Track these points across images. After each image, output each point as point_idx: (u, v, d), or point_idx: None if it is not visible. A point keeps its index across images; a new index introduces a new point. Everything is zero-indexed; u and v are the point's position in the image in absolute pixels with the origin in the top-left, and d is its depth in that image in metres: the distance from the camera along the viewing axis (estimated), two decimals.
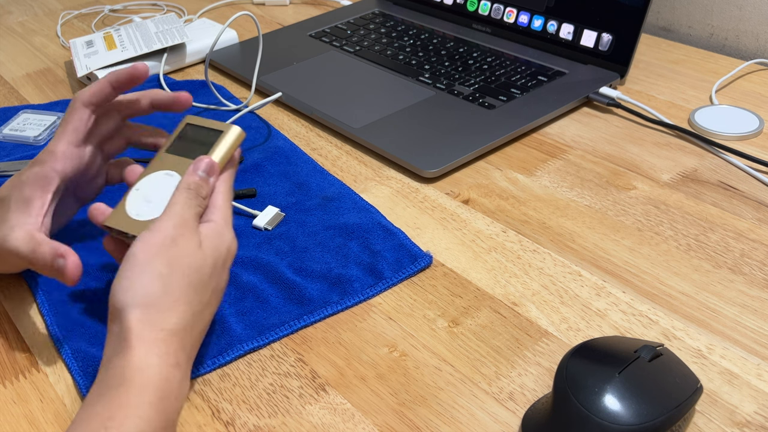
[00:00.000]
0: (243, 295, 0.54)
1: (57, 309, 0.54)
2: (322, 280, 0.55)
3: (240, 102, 0.81)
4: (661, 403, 0.40)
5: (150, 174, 0.51)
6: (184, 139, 0.53)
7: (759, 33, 0.89)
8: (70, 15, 1.11)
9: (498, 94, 0.77)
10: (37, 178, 0.52)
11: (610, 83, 0.79)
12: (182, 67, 0.91)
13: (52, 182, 0.52)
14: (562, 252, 0.58)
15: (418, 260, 0.56)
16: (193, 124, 0.54)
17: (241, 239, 0.60)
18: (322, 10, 1.08)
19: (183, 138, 0.53)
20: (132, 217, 0.49)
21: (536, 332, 0.51)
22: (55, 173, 0.52)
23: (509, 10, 0.89)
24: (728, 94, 0.79)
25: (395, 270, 0.56)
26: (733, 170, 0.67)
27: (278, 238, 0.60)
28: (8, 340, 0.53)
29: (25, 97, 0.87)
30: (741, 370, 0.47)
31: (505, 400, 0.46)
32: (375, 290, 0.54)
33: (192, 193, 0.47)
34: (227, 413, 0.46)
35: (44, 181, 0.52)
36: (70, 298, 0.55)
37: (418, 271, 0.56)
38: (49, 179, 0.52)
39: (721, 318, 0.51)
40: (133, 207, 0.49)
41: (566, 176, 0.67)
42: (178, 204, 0.46)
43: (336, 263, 0.57)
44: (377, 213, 0.62)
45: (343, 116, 0.75)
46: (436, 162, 0.67)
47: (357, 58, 0.88)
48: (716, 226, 0.60)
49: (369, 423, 0.45)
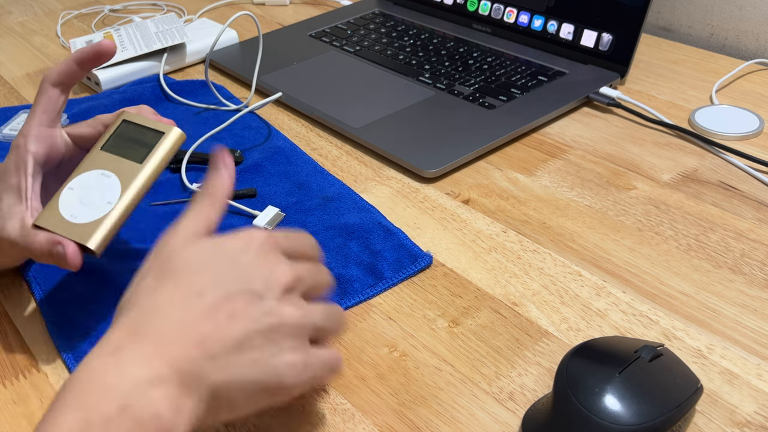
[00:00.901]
0: None
1: (57, 309, 0.54)
2: None
3: (240, 102, 0.81)
4: (662, 403, 0.40)
5: (84, 172, 0.50)
6: (120, 137, 0.52)
7: (759, 33, 0.89)
8: (70, 15, 1.11)
9: (498, 94, 0.77)
10: (16, 164, 0.51)
11: (610, 83, 0.79)
12: (182, 67, 0.91)
13: (28, 164, 0.51)
14: (562, 252, 0.58)
15: (418, 260, 0.56)
16: (129, 121, 0.52)
17: None
18: (322, 10, 1.08)
19: (119, 136, 0.52)
20: (65, 218, 0.48)
21: (536, 332, 0.51)
22: (29, 155, 0.51)
23: (509, 10, 0.89)
24: (728, 94, 0.79)
25: (395, 270, 0.56)
26: (733, 170, 0.67)
27: None
28: (8, 340, 0.53)
29: (25, 97, 0.87)
30: (741, 370, 0.47)
31: (505, 400, 0.46)
32: (375, 290, 0.54)
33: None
34: None
35: (22, 165, 0.51)
36: (70, 298, 0.55)
37: (418, 271, 0.56)
38: (25, 161, 0.51)
39: (722, 318, 0.51)
40: (67, 208, 0.48)
41: (566, 176, 0.67)
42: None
43: (336, 263, 0.56)
44: (377, 213, 0.62)
45: (343, 116, 0.75)
46: (436, 162, 0.67)
47: (357, 58, 0.88)
48: (716, 226, 0.60)
49: (369, 423, 0.45)
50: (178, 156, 0.70)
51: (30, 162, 0.51)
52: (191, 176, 0.69)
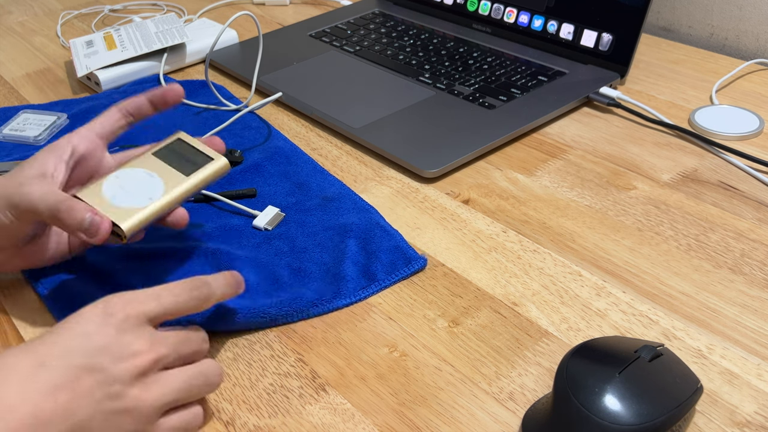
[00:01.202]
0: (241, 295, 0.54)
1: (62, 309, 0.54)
2: (318, 280, 0.55)
3: (240, 102, 0.81)
4: (662, 403, 0.40)
5: (132, 167, 0.53)
6: (172, 151, 0.55)
7: (759, 33, 0.89)
8: (70, 15, 1.11)
9: (498, 94, 0.77)
10: (52, 148, 0.52)
11: (610, 83, 0.79)
12: (182, 67, 0.91)
13: (66, 151, 0.52)
14: (562, 252, 0.58)
15: (412, 263, 0.56)
16: (184, 140, 0.56)
17: (241, 239, 0.60)
18: (322, 10, 1.08)
19: (172, 149, 0.55)
20: (106, 198, 0.50)
21: (536, 332, 0.51)
22: (70, 145, 0.52)
23: (509, 10, 0.89)
24: (728, 94, 0.79)
25: (388, 272, 0.56)
26: (733, 170, 0.67)
27: (278, 238, 0.60)
28: (8, 340, 0.53)
29: (25, 97, 0.87)
30: (741, 370, 0.47)
31: (505, 400, 0.46)
32: (367, 292, 0.54)
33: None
34: (227, 413, 0.46)
35: (59, 150, 0.52)
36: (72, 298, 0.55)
37: (411, 274, 0.56)
38: (63, 148, 0.52)
39: (721, 318, 0.51)
40: (109, 190, 0.51)
41: (566, 176, 0.67)
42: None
43: (333, 264, 0.57)
44: (376, 213, 0.62)
45: (343, 116, 0.75)
46: (436, 162, 0.67)
47: (357, 58, 0.88)
48: (716, 226, 0.60)
49: (369, 423, 0.45)
50: None
51: (68, 150, 0.52)
52: None
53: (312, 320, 0.53)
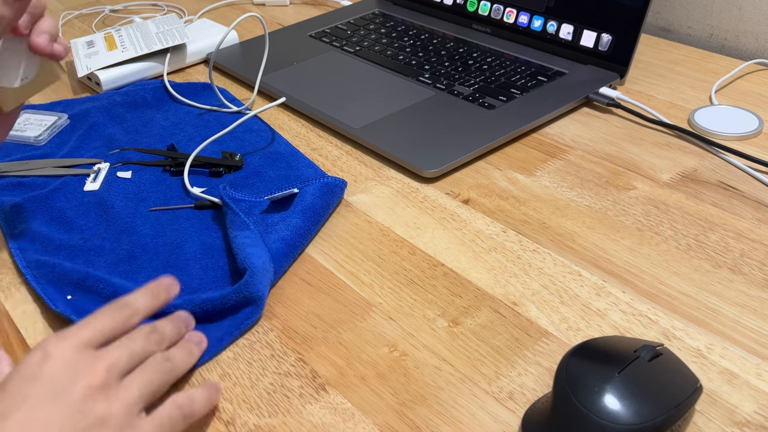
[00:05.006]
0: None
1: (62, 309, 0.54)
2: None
3: (241, 104, 0.81)
4: (661, 402, 0.40)
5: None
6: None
7: (759, 33, 0.89)
8: (70, 15, 1.11)
9: (498, 94, 0.77)
10: None
11: (610, 83, 0.79)
12: (182, 67, 0.91)
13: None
14: (562, 252, 0.58)
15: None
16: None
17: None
18: (322, 10, 1.09)
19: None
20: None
21: (536, 332, 0.51)
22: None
23: (509, 11, 0.89)
24: (728, 94, 0.80)
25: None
26: (732, 170, 0.67)
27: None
28: (8, 340, 0.53)
29: None
30: (741, 370, 0.47)
31: (505, 399, 0.46)
32: None
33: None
34: (227, 413, 0.46)
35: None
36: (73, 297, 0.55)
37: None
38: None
39: (721, 318, 0.51)
40: None
41: (566, 176, 0.67)
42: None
43: None
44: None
45: (343, 116, 0.75)
46: (436, 162, 0.67)
47: (357, 58, 0.88)
48: (716, 226, 0.60)
49: (369, 423, 0.45)
50: (180, 160, 0.70)
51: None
52: (193, 180, 0.69)
53: (312, 320, 0.53)
